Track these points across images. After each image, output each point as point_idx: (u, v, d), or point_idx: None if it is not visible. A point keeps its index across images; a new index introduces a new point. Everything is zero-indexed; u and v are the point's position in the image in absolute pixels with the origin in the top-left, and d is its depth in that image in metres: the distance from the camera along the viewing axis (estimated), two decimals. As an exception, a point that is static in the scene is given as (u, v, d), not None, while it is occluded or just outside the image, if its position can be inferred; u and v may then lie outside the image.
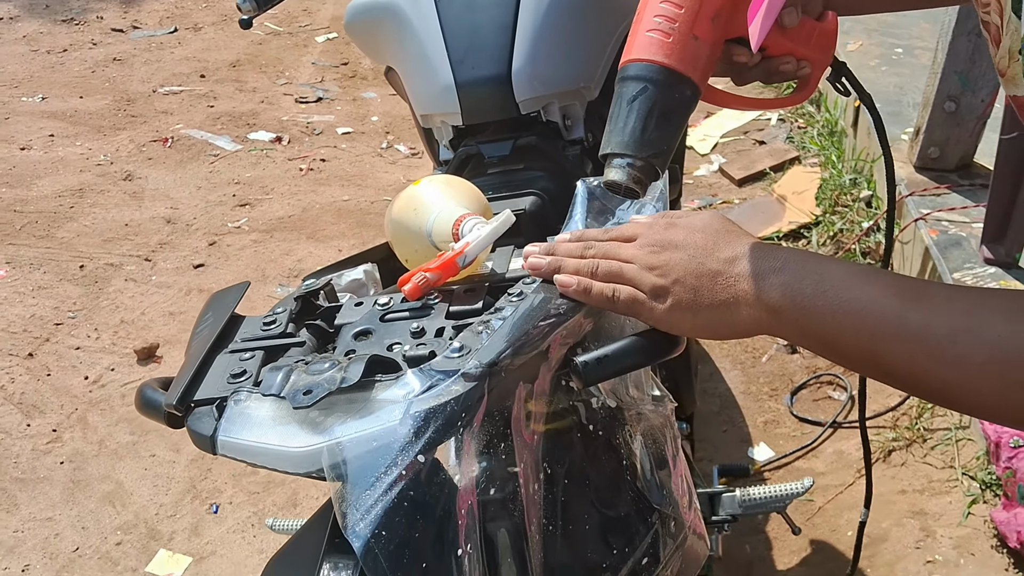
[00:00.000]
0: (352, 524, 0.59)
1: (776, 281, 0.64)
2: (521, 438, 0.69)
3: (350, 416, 0.65)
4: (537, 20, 1.22)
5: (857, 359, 0.63)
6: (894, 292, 0.61)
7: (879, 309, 0.60)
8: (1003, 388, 0.56)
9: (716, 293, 0.66)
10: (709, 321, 0.67)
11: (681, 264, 0.68)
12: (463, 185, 0.99)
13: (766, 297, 0.64)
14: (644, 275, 0.69)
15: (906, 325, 0.59)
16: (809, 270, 0.64)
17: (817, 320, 0.63)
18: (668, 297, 0.68)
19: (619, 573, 0.77)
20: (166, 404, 0.74)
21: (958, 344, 0.57)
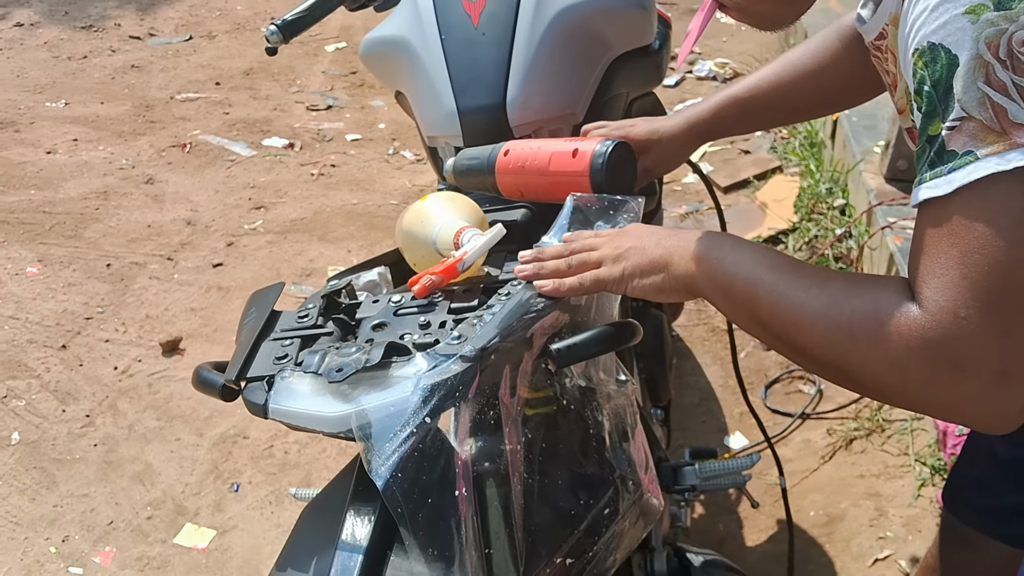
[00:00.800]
0: (376, 468, 0.77)
1: (703, 239, 0.85)
2: (507, 408, 0.88)
3: (372, 389, 0.84)
4: (528, 56, 1.40)
5: (741, 311, 0.81)
6: (782, 263, 0.79)
7: (765, 271, 0.79)
8: (828, 330, 0.71)
9: (658, 252, 0.88)
10: (651, 276, 0.88)
11: (632, 239, 0.91)
12: (463, 200, 1.18)
13: (692, 251, 0.85)
14: (607, 253, 0.91)
15: (777, 284, 0.76)
16: (731, 239, 0.85)
17: (722, 271, 0.82)
18: (622, 263, 0.89)
19: (584, 519, 0.96)
20: (226, 380, 0.93)
21: (805, 296, 0.73)
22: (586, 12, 1.42)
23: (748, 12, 0.91)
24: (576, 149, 1.13)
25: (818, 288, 0.73)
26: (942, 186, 0.64)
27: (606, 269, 0.90)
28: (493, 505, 0.87)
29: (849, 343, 0.69)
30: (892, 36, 0.85)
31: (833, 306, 0.71)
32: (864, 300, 0.69)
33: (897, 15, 0.81)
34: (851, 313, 0.69)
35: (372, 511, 0.87)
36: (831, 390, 2.28)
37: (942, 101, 0.65)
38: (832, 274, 0.76)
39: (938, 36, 0.65)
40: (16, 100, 3.92)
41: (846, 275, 0.76)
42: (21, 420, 2.33)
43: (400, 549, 0.85)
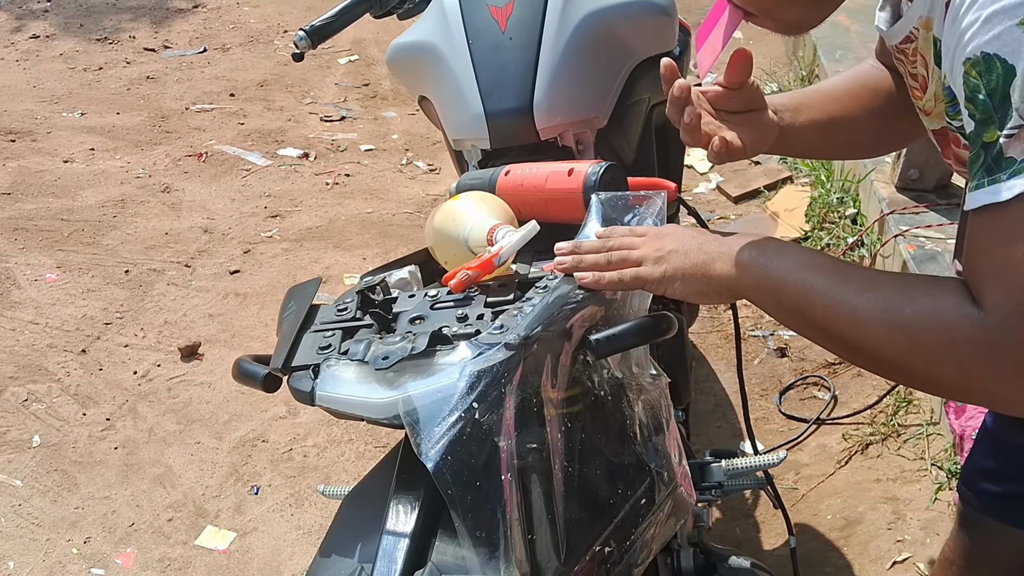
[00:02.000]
0: (426, 451, 0.79)
1: (746, 245, 0.86)
2: (548, 397, 0.90)
3: (418, 376, 0.86)
4: (555, 61, 1.43)
5: (791, 314, 0.84)
6: (827, 266, 0.81)
7: (813, 275, 0.81)
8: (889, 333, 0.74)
9: (700, 256, 0.89)
10: (694, 277, 0.90)
11: (674, 242, 0.92)
12: (493, 200, 1.21)
13: (736, 257, 0.86)
14: (648, 253, 0.92)
15: (829, 289, 0.79)
16: (769, 241, 0.86)
17: (768, 277, 0.84)
18: (664, 264, 0.91)
19: (622, 509, 0.97)
20: (272, 368, 0.95)
21: (860, 300, 0.76)
22: (611, 17, 1.45)
23: (777, 18, 0.92)
24: (572, 169, 1.17)
25: (871, 292, 0.76)
26: (1002, 192, 0.66)
27: (647, 268, 0.92)
28: (536, 492, 0.88)
29: (912, 347, 0.72)
30: (923, 39, 0.87)
31: (891, 310, 0.73)
32: (924, 304, 0.72)
33: (929, 19, 0.83)
34: (911, 317, 0.72)
35: (416, 498, 0.89)
36: (845, 396, 2.30)
37: (999, 109, 0.67)
38: (881, 276, 0.78)
39: (993, 47, 0.67)
40: (33, 110, 3.96)
41: (896, 277, 0.78)
42: (42, 423, 2.35)
43: (444, 535, 0.87)
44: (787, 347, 2.46)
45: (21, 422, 2.36)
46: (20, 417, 2.37)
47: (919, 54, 0.90)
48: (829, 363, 2.39)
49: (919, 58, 0.90)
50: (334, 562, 0.90)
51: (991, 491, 1.15)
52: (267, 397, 2.41)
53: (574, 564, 0.89)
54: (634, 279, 0.93)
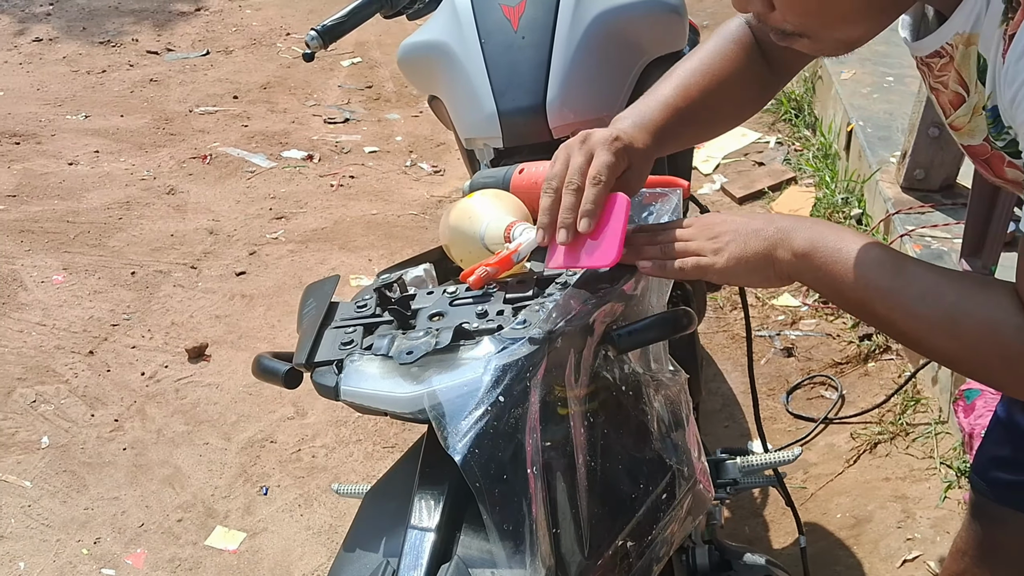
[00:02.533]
0: (453, 444, 0.79)
1: (806, 235, 0.86)
2: (572, 391, 0.90)
3: (443, 370, 0.86)
4: (567, 59, 1.43)
5: (854, 306, 0.86)
6: (889, 262, 0.83)
7: (875, 272, 0.82)
8: (951, 340, 0.79)
9: (761, 243, 0.89)
10: (757, 266, 0.89)
11: (731, 229, 0.91)
12: (508, 197, 1.21)
13: (798, 246, 0.86)
14: (704, 244, 0.92)
15: (890, 283, 0.82)
16: (831, 229, 0.86)
17: (830, 271, 0.85)
18: (724, 253, 0.90)
19: (644, 503, 0.98)
20: (296, 364, 0.96)
21: (923, 305, 0.80)
22: (623, 16, 1.46)
23: (837, 37, 0.86)
24: None
25: (933, 301, 0.79)
26: None
27: (708, 259, 0.92)
28: (560, 486, 0.88)
29: (971, 352, 0.78)
30: (961, 55, 0.85)
31: (952, 323, 0.78)
32: (982, 317, 0.76)
33: (972, 35, 0.82)
34: (970, 328, 0.77)
35: (440, 493, 0.89)
36: (853, 395, 2.30)
37: None
38: (943, 283, 0.80)
39: None
40: (37, 113, 3.96)
41: (957, 284, 0.79)
42: (50, 424, 2.35)
43: (469, 529, 0.87)
44: (794, 347, 2.47)
45: (30, 423, 2.36)
46: (28, 418, 2.37)
47: (952, 69, 0.88)
48: (836, 363, 2.39)
49: (951, 73, 0.89)
50: (359, 557, 0.91)
51: (1004, 479, 1.16)
52: (275, 398, 2.42)
53: (597, 558, 0.90)
54: (695, 268, 0.93)
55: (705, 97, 1.09)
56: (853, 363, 2.38)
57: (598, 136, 0.98)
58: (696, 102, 1.08)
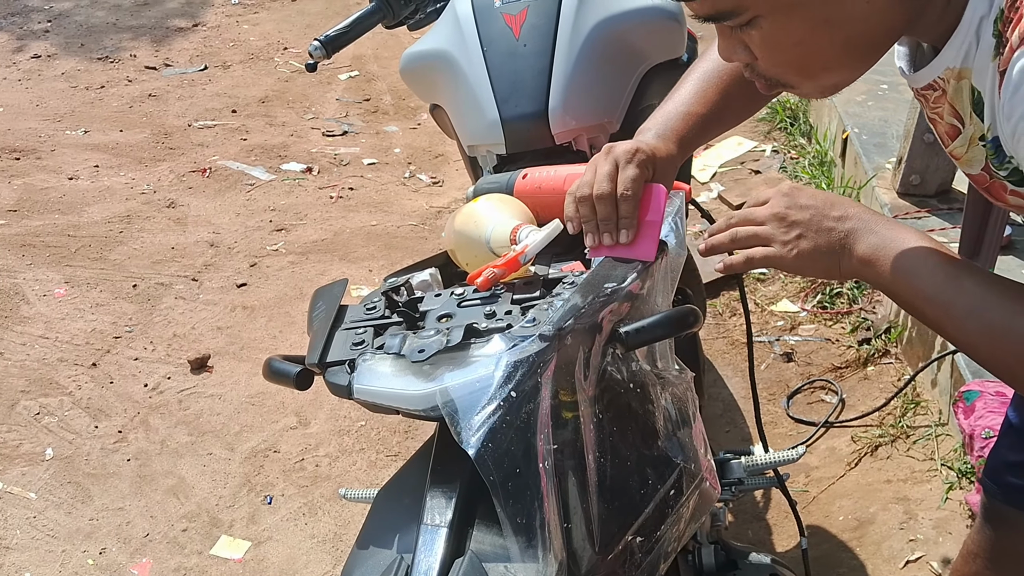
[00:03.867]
0: (466, 439, 0.81)
1: (871, 240, 0.88)
2: (581, 388, 0.92)
3: (454, 368, 0.88)
4: (569, 66, 1.46)
5: (909, 308, 0.89)
6: (942, 272, 0.84)
7: (928, 283, 0.84)
8: (997, 351, 0.82)
9: (830, 244, 0.90)
10: (824, 264, 0.91)
11: (803, 222, 0.91)
12: (512, 202, 1.23)
13: (861, 252, 0.88)
14: (775, 234, 0.93)
15: (941, 296, 0.83)
16: (892, 237, 0.87)
17: (887, 278, 0.87)
18: (795, 248, 0.91)
19: (652, 499, 0.99)
20: (308, 364, 0.97)
21: (970, 318, 0.82)
22: (623, 24, 1.48)
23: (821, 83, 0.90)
24: None
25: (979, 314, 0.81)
26: None
27: (777, 249, 0.92)
28: (570, 482, 0.90)
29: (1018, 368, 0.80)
30: (954, 89, 0.87)
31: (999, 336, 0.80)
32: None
33: (963, 70, 0.83)
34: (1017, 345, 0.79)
35: (452, 490, 0.91)
36: (853, 399, 2.32)
37: None
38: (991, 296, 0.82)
39: None
40: (36, 129, 3.98)
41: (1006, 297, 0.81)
42: (54, 436, 2.36)
43: (481, 525, 0.89)
44: (793, 351, 2.48)
45: (34, 435, 2.36)
46: (32, 430, 2.38)
47: (945, 102, 0.90)
48: (835, 367, 2.41)
49: (946, 106, 0.90)
50: (372, 554, 0.92)
51: (1016, 484, 1.17)
52: (277, 408, 2.42)
53: (607, 553, 0.91)
54: (764, 260, 0.94)
55: (722, 98, 1.14)
56: (852, 367, 2.39)
57: (621, 148, 1.04)
58: (715, 104, 1.14)
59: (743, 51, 0.87)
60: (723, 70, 1.15)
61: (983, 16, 0.78)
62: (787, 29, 0.82)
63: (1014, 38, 0.73)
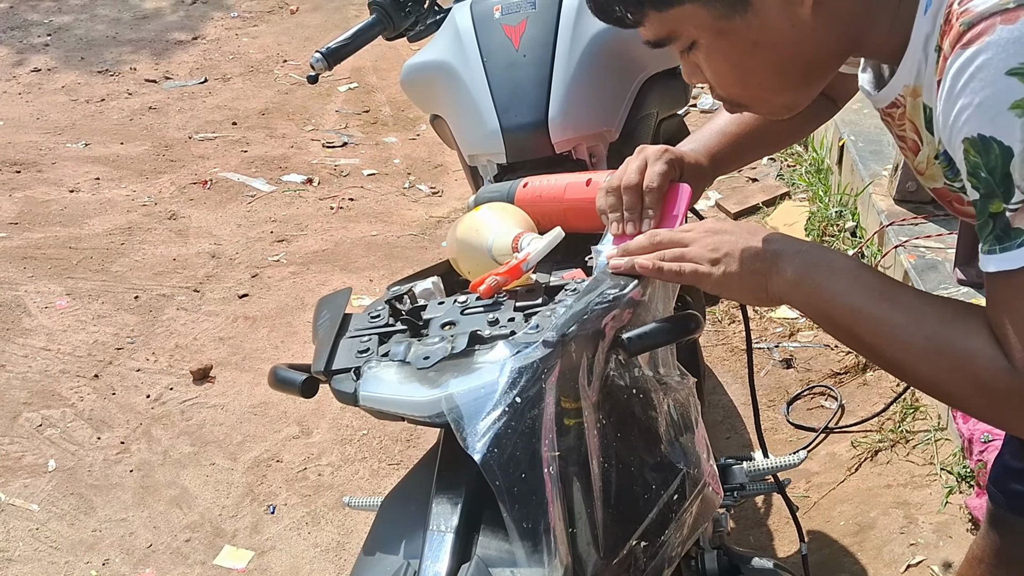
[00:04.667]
0: (472, 445, 0.82)
1: (798, 261, 0.88)
2: (585, 394, 0.93)
3: (460, 374, 0.89)
4: (568, 76, 1.47)
5: (841, 332, 0.89)
6: (876, 289, 0.85)
7: (862, 299, 0.85)
8: (932, 367, 0.82)
9: (755, 264, 0.90)
10: (749, 285, 0.92)
11: (730, 243, 0.92)
12: (514, 210, 1.24)
13: (789, 273, 0.89)
14: (702, 253, 0.93)
15: (877, 314, 0.84)
16: (821, 258, 0.88)
17: (819, 298, 0.88)
18: (721, 266, 0.92)
19: (655, 505, 1.00)
20: (314, 371, 0.98)
21: (906, 333, 0.82)
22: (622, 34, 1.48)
23: (769, 104, 0.94)
24: (589, 179, 1.21)
25: (916, 327, 0.82)
26: (1014, 260, 0.73)
27: (705, 268, 0.93)
28: (575, 487, 0.91)
29: (949, 381, 0.81)
30: (911, 106, 0.89)
31: (934, 350, 0.81)
32: (961, 351, 0.79)
33: (916, 87, 0.86)
34: (949, 357, 0.80)
35: (458, 495, 0.91)
36: (852, 404, 2.33)
37: (1000, 185, 0.73)
38: (927, 310, 0.82)
39: (988, 129, 0.72)
40: (37, 142, 4.00)
41: (940, 311, 0.82)
42: (57, 448, 2.37)
43: (487, 530, 0.89)
44: (792, 358, 2.49)
45: (36, 447, 2.37)
46: (35, 442, 2.39)
47: (907, 119, 0.92)
48: (835, 373, 2.42)
49: (907, 123, 0.93)
50: (379, 560, 0.93)
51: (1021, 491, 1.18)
52: (280, 418, 2.43)
53: (612, 558, 0.92)
54: (692, 274, 0.94)
55: (760, 124, 1.18)
56: (852, 373, 2.41)
57: (652, 148, 1.09)
58: (752, 128, 1.18)
59: (699, 73, 0.92)
60: None
61: (928, 33, 0.81)
62: (721, 53, 0.87)
63: (945, 47, 0.76)
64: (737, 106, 0.95)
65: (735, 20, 0.83)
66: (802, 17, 0.83)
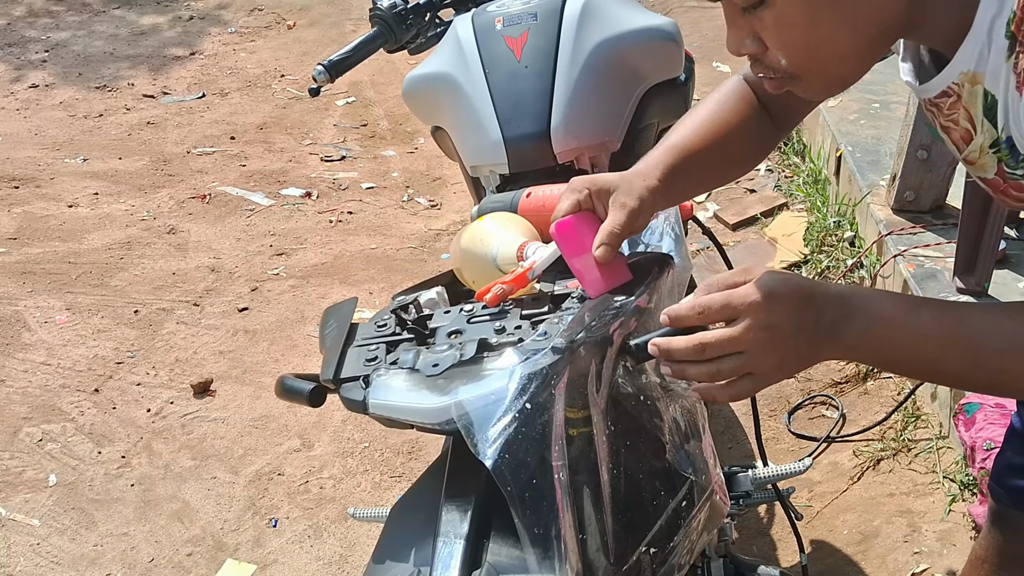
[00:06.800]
0: (483, 451, 0.82)
1: (852, 330, 0.83)
2: (593, 401, 0.93)
3: (469, 381, 0.89)
4: (570, 87, 1.48)
5: (917, 373, 0.88)
6: (943, 323, 0.82)
7: (935, 340, 0.82)
8: None
9: (810, 349, 0.85)
10: (807, 365, 0.88)
11: (788, 336, 0.84)
12: (517, 219, 1.25)
13: (845, 343, 0.84)
14: (760, 361, 0.85)
15: (956, 347, 0.81)
16: (872, 314, 0.83)
17: (885, 352, 0.85)
18: (779, 365, 0.86)
19: (664, 512, 1.00)
20: (323, 380, 0.98)
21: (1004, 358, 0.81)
22: (623, 45, 1.51)
23: (828, 75, 0.89)
24: None
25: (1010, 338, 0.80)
26: None
27: (764, 381, 0.87)
28: (585, 493, 0.91)
29: None
30: (968, 93, 0.86)
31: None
32: None
33: (976, 74, 0.83)
34: None
35: (468, 502, 0.91)
36: (853, 413, 2.33)
37: None
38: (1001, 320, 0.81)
39: None
40: (36, 157, 4.00)
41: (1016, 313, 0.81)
42: (57, 462, 2.36)
43: (497, 537, 0.89)
44: (793, 368, 2.49)
45: (36, 462, 2.36)
46: (35, 457, 2.38)
47: (961, 107, 0.89)
48: (836, 382, 2.42)
49: (960, 111, 0.90)
50: (389, 568, 0.92)
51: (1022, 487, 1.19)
52: (281, 431, 2.43)
53: (622, 565, 0.92)
54: (750, 390, 0.88)
55: (713, 142, 1.12)
56: (852, 382, 2.41)
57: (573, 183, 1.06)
58: (705, 147, 1.11)
59: (752, 41, 0.86)
60: (715, 116, 1.14)
61: (994, 16, 0.78)
62: (801, 7, 0.81)
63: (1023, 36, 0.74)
64: (786, 79, 0.89)
65: None
66: None
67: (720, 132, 1.12)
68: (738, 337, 0.84)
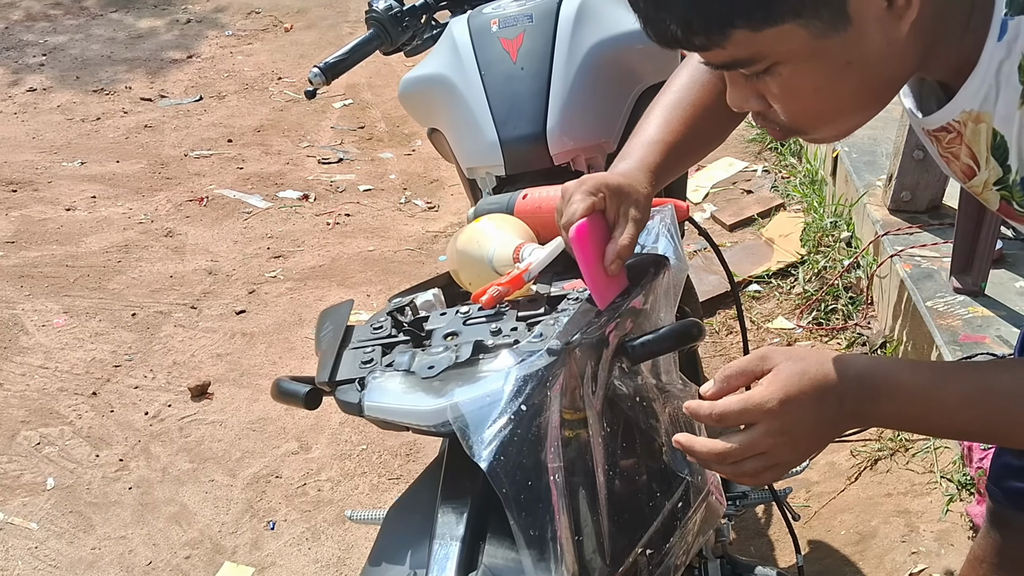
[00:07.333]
0: (478, 453, 0.82)
1: (875, 411, 0.82)
2: (589, 402, 0.93)
3: (464, 383, 0.89)
4: (566, 88, 1.48)
5: (950, 436, 0.91)
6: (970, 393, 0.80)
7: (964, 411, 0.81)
8: None
9: (834, 431, 0.84)
10: (831, 441, 0.89)
11: (803, 438, 0.84)
12: (514, 221, 1.25)
13: (869, 422, 0.85)
14: (781, 458, 0.85)
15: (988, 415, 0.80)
16: (895, 393, 0.81)
17: (911, 425, 0.87)
18: (802, 454, 0.86)
19: (660, 513, 1.00)
20: (318, 383, 0.98)
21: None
22: (618, 46, 1.51)
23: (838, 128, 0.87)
24: None
25: None
26: None
27: (787, 468, 0.87)
28: (581, 495, 0.91)
29: None
30: (971, 131, 0.85)
31: None
32: None
33: (980, 114, 0.82)
34: None
35: (463, 504, 0.91)
36: (852, 414, 2.33)
37: None
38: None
39: None
40: (33, 161, 4.00)
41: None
42: (55, 466, 2.36)
43: (493, 539, 0.89)
44: (791, 368, 2.49)
45: (34, 465, 2.36)
46: (33, 460, 2.38)
47: (963, 144, 0.88)
48: (833, 382, 2.42)
49: (962, 148, 0.88)
50: (385, 570, 0.93)
51: (1020, 488, 1.19)
52: (278, 434, 2.43)
53: (618, 566, 0.92)
54: (776, 479, 0.91)
55: (691, 128, 1.12)
56: (850, 383, 2.41)
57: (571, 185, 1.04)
58: (684, 135, 1.11)
59: (756, 100, 0.85)
60: (689, 97, 1.14)
61: (1002, 60, 0.77)
62: (807, 75, 0.79)
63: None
64: (792, 132, 0.88)
65: (832, 39, 0.75)
66: (898, 34, 0.77)
67: (696, 115, 1.12)
68: (757, 443, 0.83)
